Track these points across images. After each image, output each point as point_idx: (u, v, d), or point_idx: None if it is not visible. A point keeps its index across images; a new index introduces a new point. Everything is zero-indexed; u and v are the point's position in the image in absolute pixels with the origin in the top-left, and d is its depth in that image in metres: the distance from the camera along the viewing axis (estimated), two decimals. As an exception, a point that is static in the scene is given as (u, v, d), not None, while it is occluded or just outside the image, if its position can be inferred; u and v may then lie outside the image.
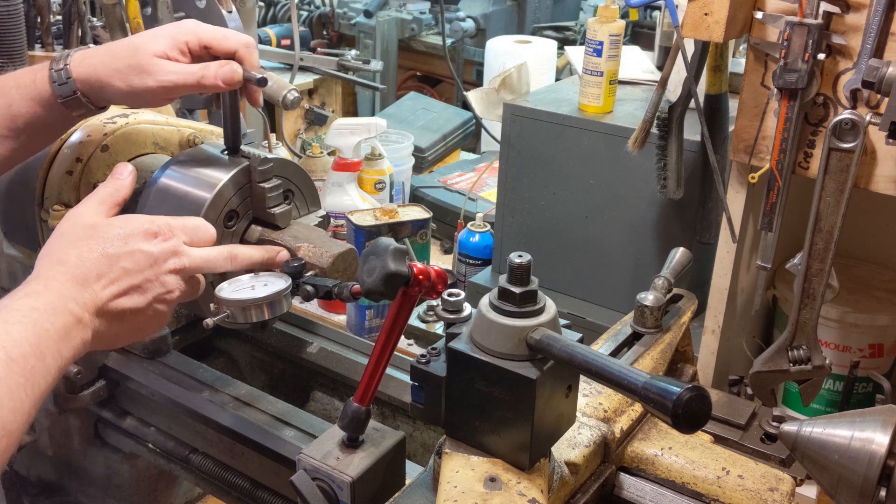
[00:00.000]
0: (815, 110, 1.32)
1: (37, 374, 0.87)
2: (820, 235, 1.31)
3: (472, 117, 3.04)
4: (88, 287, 0.98)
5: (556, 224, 1.92)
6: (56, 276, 0.97)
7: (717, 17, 1.28)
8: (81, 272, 0.98)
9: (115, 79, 1.18)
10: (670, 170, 1.62)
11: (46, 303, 0.93)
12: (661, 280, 1.20)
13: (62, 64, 1.19)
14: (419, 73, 4.41)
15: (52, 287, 0.96)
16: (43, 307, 0.92)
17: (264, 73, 1.24)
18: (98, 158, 1.39)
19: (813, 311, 1.36)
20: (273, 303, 1.14)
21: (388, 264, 0.95)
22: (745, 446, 1.11)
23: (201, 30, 1.22)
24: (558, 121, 1.86)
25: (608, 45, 1.81)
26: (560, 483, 0.90)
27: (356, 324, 2.04)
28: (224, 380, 1.42)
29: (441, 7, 3.51)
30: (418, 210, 2.09)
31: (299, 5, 4.27)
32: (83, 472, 1.61)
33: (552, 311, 0.86)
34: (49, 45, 2.41)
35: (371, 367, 1.03)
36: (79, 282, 0.98)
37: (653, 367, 1.12)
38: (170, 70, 1.18)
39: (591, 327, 1.79)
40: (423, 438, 1.35)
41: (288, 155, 2.77)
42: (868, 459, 0.83)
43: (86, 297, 0.97)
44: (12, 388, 0.84)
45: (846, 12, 1.25)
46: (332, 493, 1.03)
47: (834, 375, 1.64)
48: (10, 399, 0.84)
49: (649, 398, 0.75)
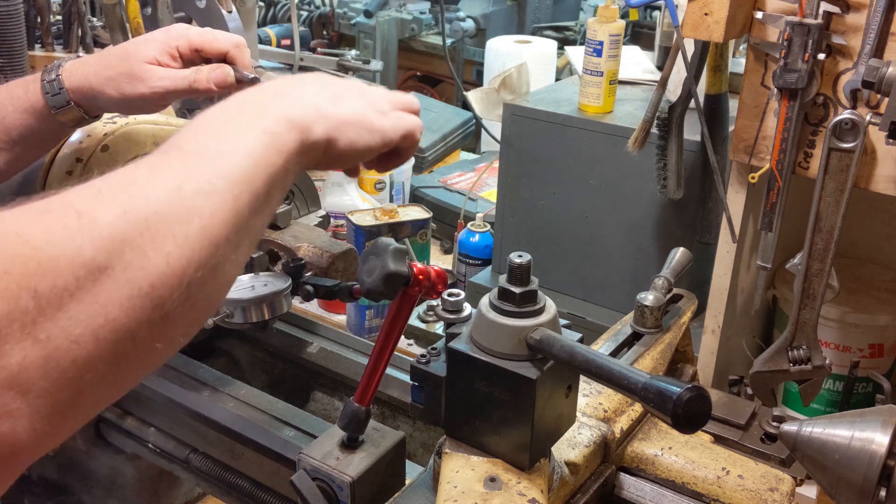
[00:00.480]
0: (815, 110, 1.32)
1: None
2: (820, 235, 1.31)
3: (472, 117, 3.04)
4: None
5: (556, 224, 1.92)
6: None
7: (717, 17, 1.28)
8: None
9: (108, 87, 1.18)
10: (670, 170, 1.62)
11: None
12: (661, 280, 1.20)
13: (54, 74, 1.19)
14: (419, 73, 4.41)
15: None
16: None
17: (257, 73, 1.24)
18: (98, 158, 1.39)
19: (813, 311, 1.36)
20: (273, 303, 1.14)
21: (388, 264, 0.95)
22: (745, 446, 1.11)
23: (191, 33, 1.22)
24: (558, 121, 1.86)
25: (608, 45, 1.81)
26: (560, 483, 0.90)
27: (356, 324, 2.04)
28: (224, 380, 1.42)
29: (441, 7, 3.51)
30: (418, 210, 2.09)
31: (299, 5, 4.27)
32: (87, 472, 1.61)
33: (552, 311, 0.86)
34: (49, 45, 2.42)
35: (371, 367, 1.03)
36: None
37: (653, 367, 1.12)
38: (161, 76, 1.18)
39: (591, 327, 1.79)
40: (423, 438, 1.35)
41: (288, 155, 2.76)
42: (868, 459, 0.83)
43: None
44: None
45: (846, 12, 1.25)
46: (332, 493, 1.03)
47: (834, 375, 1.64)
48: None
49: (649, 398, 0.75)
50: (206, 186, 0.69)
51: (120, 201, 0.65)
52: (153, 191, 0.67)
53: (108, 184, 0.68)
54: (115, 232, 0.62)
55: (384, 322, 1.02)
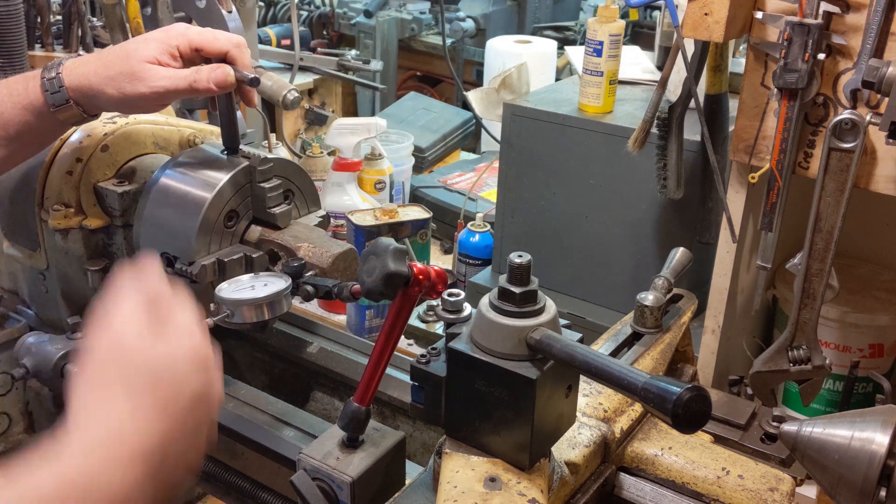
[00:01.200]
0: (815, 110, 1.32)
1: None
2: (820, 235, 1.31)
3: (472, 117, 3.04)
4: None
5: (556, 224, 1.92)
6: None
7: (717, 17, 1.28)
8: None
9: (108, 86, 1.18)
10: (670, 170, 1.62)
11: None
12: (661, 280, 1.20)
13: (54, 72, 1.19)
14: (419, 73, 4.41)
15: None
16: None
17: (257, 73, 1.24)
18: (98, 158, 1.39)
19: (813, 311, 1.36)
20: (273, 303, 1.14)
21: (388, 264, 0.95)
22: (745, 446, 1.11)
23: (191, 33, 1.22)
24: (558, 121, 1.86)
25: (608, 45, 1.81)
26: (560, 483, 0.90)
27: (356, 324, 2.04)
28: (224, 380, 1.42)
29: (441, 7, 3.51)
30: (418, 210, 2.09)
31: (299, 5, 4.27)
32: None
33: (552, 311, 0.86)
34: (49, 45, 2.42)
35: (371, 367, 1.03)
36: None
37: (653, 367, 1.12)
38: (162, 76, 1.17)
39: (591, 327, 1.79)
40: (423, 438, 1.35)
41: (288, 155, 2.77)
42: (868, 459, 0.83)
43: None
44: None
45: (846, 12, 1.24)
46: (332, 493, 1.03)
47: (834, 375, 1.64)
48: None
49: (649, 398, 0.75)
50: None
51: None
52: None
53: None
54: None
55: (384, 322, 1.02)
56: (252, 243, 1.30)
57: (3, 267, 1.63)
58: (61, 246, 1.40)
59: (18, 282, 1.62)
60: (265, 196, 1.28)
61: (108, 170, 1.41)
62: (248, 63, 1.23)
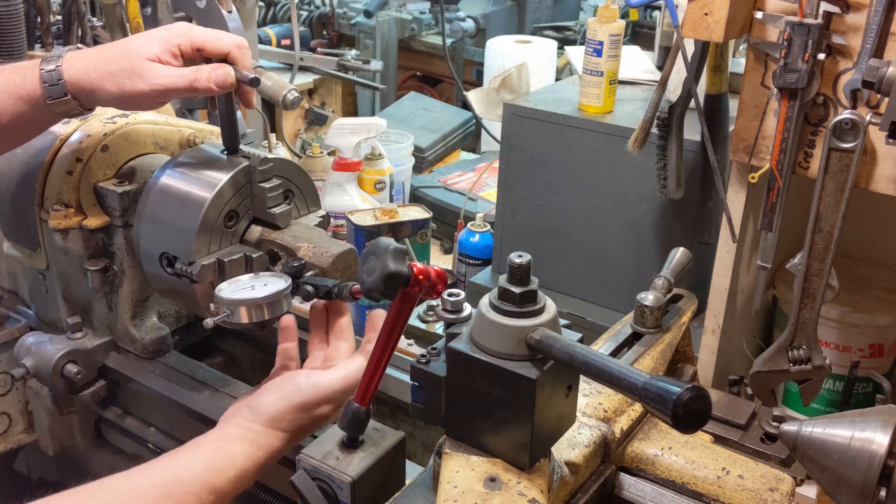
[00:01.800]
0: (815, 110, 1.32)
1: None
2: (820, 235, 1.31)
3: (472, 117, 3.04)
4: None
5: (556, 224, 1.92)
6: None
7: (717, 17, 1.28)
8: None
9: (107, 82, 1.17)
10: (670, 170, 1.62)
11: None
12: (661, 280, 1.20)
13: (53, 65, 1.19)
14: (419, 73, 4.41)
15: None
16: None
17: (258, 73, 1.24)
18: (98, 158, 1.39)
19: (813, 311, 1.36)
20: (273, 303, 1.14)
21: (388, 264, 0.95)
22: (745, 446, 1.11)
23: (193, 32, 1.21)
24: (558, 121, 1.86)
25: (608, 45, 1.81)
26: (560, 483, 0.90)
27: (356, 324, 2.04)
28: (224, 380, 1.42)
29: (441, 7, 3.51)
30: (418, 210, 2.09)
31: (299, 5, 4.27)
32: (87, 472, 1.61)
33: (552, 311, 0.86)
34: (49, 45, 2.42)
35: (371, 367, 1.03)
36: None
37: (653, 367, 1.12)
38: (162, 74, 1.17)
39: (591, 327, 1.78)
40: (423, 438, 1.35)
41: (288, 155, 2.77)
42: (868, 459, 0.83)
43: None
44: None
45: (846, 12, 1.24)
46: (332, 493, 1.03)
47: (834, 375, 1.64)
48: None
49: (649, 398, 0.75)
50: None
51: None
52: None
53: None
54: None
55: (384, 322, 1.02)
56: (252, 243, 1.30)
57: (3, 267, 1.63)
58: (61, 246, 1.41)
59: (18, 282, 1.62)
60: (265, 196, 1.28)
61: (108, 170, 1.41)
62: (248, 64, 1.23)
